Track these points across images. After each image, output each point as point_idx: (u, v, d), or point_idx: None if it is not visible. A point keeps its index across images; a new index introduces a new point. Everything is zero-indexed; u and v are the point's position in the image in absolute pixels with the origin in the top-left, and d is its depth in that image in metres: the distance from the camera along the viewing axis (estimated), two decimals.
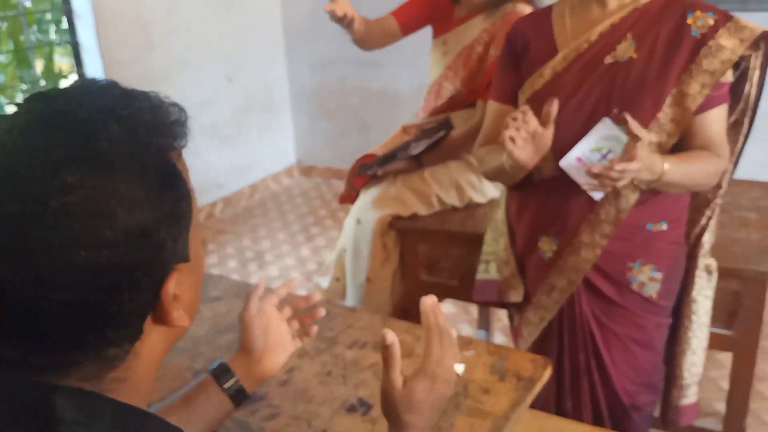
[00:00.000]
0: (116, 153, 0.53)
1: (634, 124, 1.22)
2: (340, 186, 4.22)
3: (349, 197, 2.18)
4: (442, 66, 2.05)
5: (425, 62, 2.19)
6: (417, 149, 1.96)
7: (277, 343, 0.96)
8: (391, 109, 4.00)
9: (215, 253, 3.45)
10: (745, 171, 1.65)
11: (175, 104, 0.61)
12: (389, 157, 2.01)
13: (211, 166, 3.86)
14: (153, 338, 0.60)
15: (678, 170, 1.29)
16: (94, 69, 3.29)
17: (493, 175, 1.52)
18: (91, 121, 0.54)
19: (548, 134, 1.29)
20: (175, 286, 0.58)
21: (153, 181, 0.55)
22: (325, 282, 2.17)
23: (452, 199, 2.00)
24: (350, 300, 2.07)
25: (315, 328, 1.00)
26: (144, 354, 0.60)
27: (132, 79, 3.04)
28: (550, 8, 1.52)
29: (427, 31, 2.14)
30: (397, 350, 0.79)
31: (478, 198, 2.03)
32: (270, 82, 4.23)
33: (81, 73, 3.35)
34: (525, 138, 1.28)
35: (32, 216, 0.51)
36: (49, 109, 0.56)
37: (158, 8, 3.43)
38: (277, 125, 4.34)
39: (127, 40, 3.31)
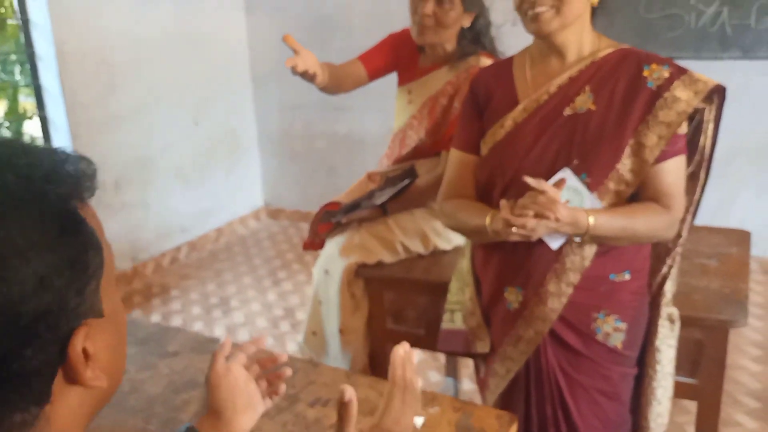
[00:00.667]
0: (9, 200, 0.51)
1: (533, 183, 1.26)
2: (307, 229, 4.18)
3: (312, 244, 2.15)
4: (407, 115, 2.06)
5: (391, 106, 2.21)
6: (381, 198, 1.95)
7: (247, 403, 0.92)
8: (357, 152, 4.02)
9: (179, 300, 3.38)
10: (700, 217, 1.68)
11: (83, 158, 0.59)
12: (354, 206, 2.00)
13: (176, 210, 3.81)
14: (69, 401, 0.55)
15: (609, 224, 1.31)
16: (57, 111, 3.25)
17: (464, 232, 1.52)
18: None
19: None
20: (86, 342, 0.54)
21: (50, 228, 0.52)
22: (302, 337, 2.13)
23: (417, 247, 1.99)
24: (329, 353, 2.04)
25: (283, 387, 0.97)
26: (59, 419, 0.55)
27: (95, 121, 3.04)
28: (511, 60, 1.54)
29: (392, 76, 2.16)
30: (354, 408, 0.76)
31: (443, 245, 2.02)
32: (237, 125, 4.22)
33: (43, 116, 3.30)
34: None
35: None
36: None
37: (123, 51, 3.41)
38: (244, 168, 4.32)
39: (90, 83, 3.28)
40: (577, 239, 1.35)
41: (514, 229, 1.26)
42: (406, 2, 1.99)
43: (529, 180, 1.27)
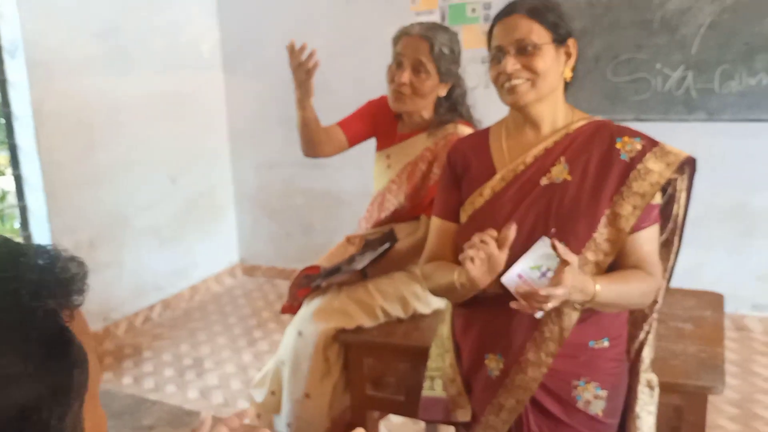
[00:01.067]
0: None
1: (562, 249, 1.26)
2: (284, 286, 4.16)
3: (291, 308, 2.14)
4: (386, 179, 2.09)
5: (369, 164, 2.24)
6: (362, 263, 1.95)
7: None
8: (335, 210, 4.04)
9: (151, 361, 3.30)
10: (673, 278, 1.71)
11: (73, 258, 0.57)
12: (333, 271, 2.00)
13: (150, 268, 3.77)
14: None
15: (611, 291, 1.33)
16: (31, 169, 3.23)
17: (440, 292, 1.53)
18: None
19: (502, 257, 1.31)
20: None
21: (36, 353, 0.50)
22: (259, 395, 2.09)
23: (397, 311, 1.98)
24: (285, 415, 1.99)
25: None
26: None
27: (72, 180, 3.02)
28: (487, 130, 1.59)
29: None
30: None
31: (423, 309, 2.02)
32: (214, 183, 4.23)
33: (17, 174, 3.27)
34: (483, 259, 1.30)
35: None
36: None
37: (102, 111, 3.42)
38: (220, 225, 4.30)
39: (68, 142, 3.27)
40: (578, 306, 1.36)
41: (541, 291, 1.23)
42: (384, 63, 2.05)
43: (559, 245, 1.26)
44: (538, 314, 1.36)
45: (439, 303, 2.00)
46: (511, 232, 1.30)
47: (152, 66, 3.70)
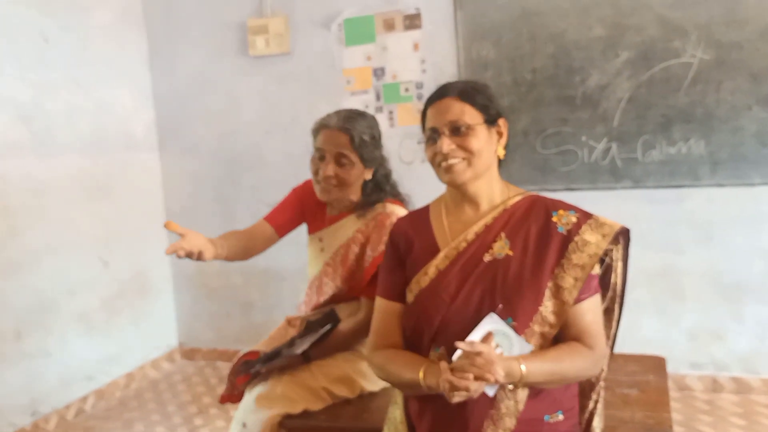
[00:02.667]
0: None
1: (466, 346, 1.29)
2: (225, 368, 4.01)
3: (230, 397, 2.05)
4: (321, 262, 2.08)
5: (305, 240, 2.21)
6: (302, 346, 1.91)
7: None
8: (274, 287, 3.98)
9: None
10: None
11: None
12: (273, 355, 1.94)
13: (81, 357, 3.57)
14: None
15: (540, 370, 1.35)
16: None
17: (398, 386, 1.51)
18: None
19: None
20: None
21: None
22: None
23: (343, 392, 1.94)
24: None
25: None
26: None
27: None
28: (427, 208, 1.62)
29: None
30: None
31: (371, 387, 1.98)
32: (148, 264, 4.09)
33: None
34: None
35: None
36: None
37: (24, 194, 3.29)
38: (156, 307, 4.15)
39: None
40: (510, 387, 1.37)
41: (455, 393, 1.27)
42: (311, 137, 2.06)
43: (462, 345, 1.30)
44: (491, 392, 1.36)
45: None
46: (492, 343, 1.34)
47: (79, 147, 3.60)
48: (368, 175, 2.01)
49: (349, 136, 1.94)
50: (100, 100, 3.76)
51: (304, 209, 2.15)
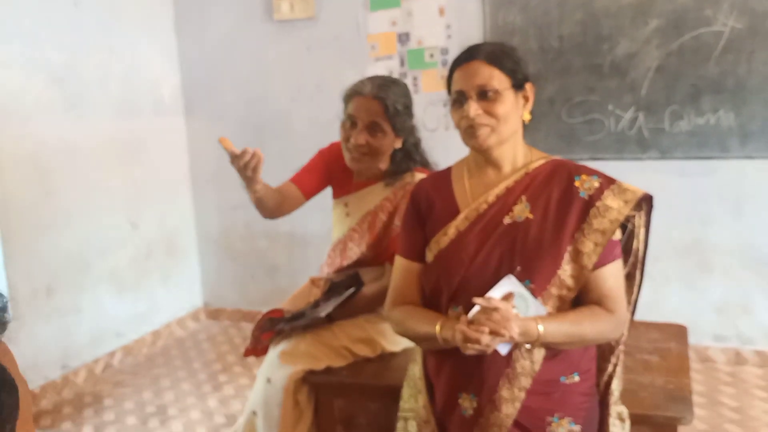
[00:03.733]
0: None
1: (483, 302, 1.32)
2: (249, 329, 4.07)
3: (255, 350, 2.10)
4: (346, 227, 2.09)
5: (331, 205, 2.23)
6: (326, 310, 1.94)
7: None
8: (300, 251, 4.03)
9: (112, 410, 3.20)
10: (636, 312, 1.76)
11: None
12: (298, 316, 1.98)
13: (110, 314, 3.68)
14: None
15: (558, 331, 1.37)
16: None
17: (414, 339, 1.54)
18: None
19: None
20: None
21: None
22: None
23: (365, 352, 1.98)
24: None
25: None
26: None
27: (28, 226, 2.94)
28: (449, 170, 1.63)
29: None
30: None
31: (391, 347, 2.02)
32: (176, 226, 4.18)
33: None
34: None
35: None
36: None
37: (58, 155, 3.37)
38: (182, 268, 4.23)
39: (23, 188, 3.21)
40: (528, 346, 1.39)
41: (469, 344, 1.29)
42: (338, 104, 2.03)
43: (480, 300, 1.32)
44: (504, 350, 1.39)
45: (407, 341, 1.99)
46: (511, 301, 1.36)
47: (110, 110, 3.68)
48: (398, 144, 1.99)
49: (383, 105, 1.91)
50: (129, 64, 3.80)
51: (330, 173, 2.13)
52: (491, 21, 3.44)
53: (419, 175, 1.97)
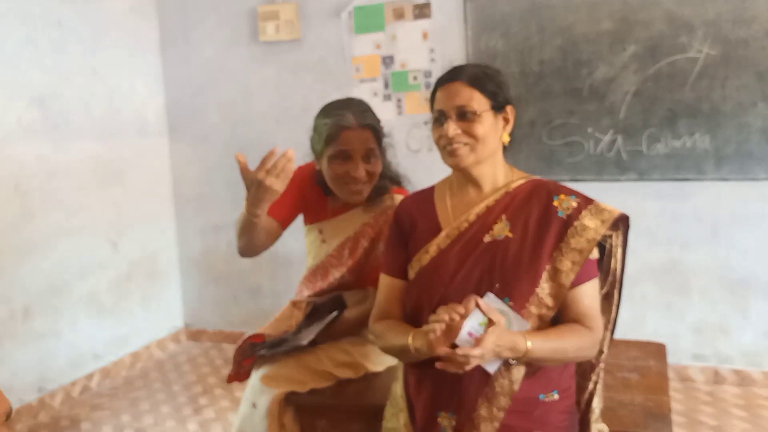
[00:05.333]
0: None
1: (486, 308, 1.32)
2: (231, 350, 4.07)
3: (237, 375, 2.05)
4: (323, 253, 2.04)
5: None
6: (308, 337, 1.90)
7: None
8: (283, 271, 4.02)
9: None
10: (616, 332, 1.78)
11: None
12: (278, 343, 1.95)
13: (89, 337, 3.64)
14: None
15: (544, 347, 1.38)
16: None
17: (392, 352, 1.55)
18: None
19: (461, 325, 1.34)
20: None
21: None
22: None
23: (347, 374, 1.96)
24: None
25: None
26: None
27: (8, 248, 2.92)
28: (432, 189, 1.65)
29: None
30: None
31: (375, 367, 2.01)
32: (158, 247, 4.16)
33: None
34: (443, 328, 1.33)
35: None
36: None
37: (38, 177, 3.35)
38: (163, 290, 4.21)
39: (3, 209, 3.18)
40: (513, 362, 1.40)
41: (458, 351, 1.29)
42: None
43: (481, 303, 1.32)
44: (492, 369, 1.40)
45: (390, 360, 1.99)
46: (471, 304, 1.34)
47: (93, 131, 3.67)
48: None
49: (372, 131, 1.89)
50: (113, 87, 3.81)
51: (305, 198, 2.04)
52: (473, 45, 3.50)
53: (398, 197, 1.94)
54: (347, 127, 1.87)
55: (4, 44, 3.18)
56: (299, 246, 3.82)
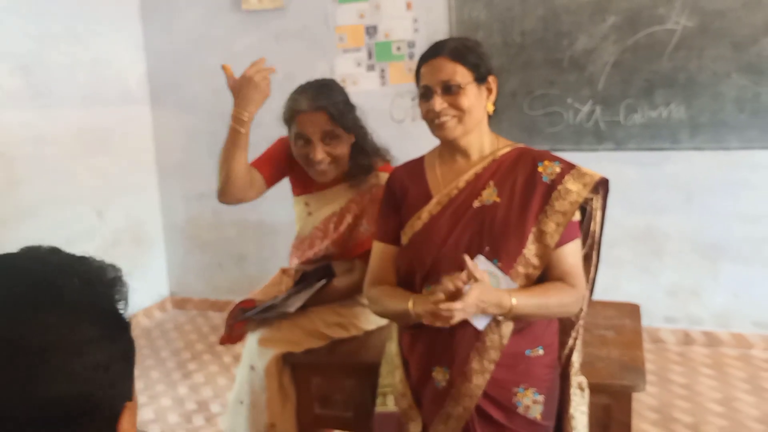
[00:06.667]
0: (79, 301, 0.63)
1: (471, 266, 1.40)
2: (217, 318, 4.14)
3: (230, 338, 2.12)
4: (310, 225, 2.09)
5: None
6: (296, 304, 1.95)
7: None
8: (269, 239, 4.07)
9: None
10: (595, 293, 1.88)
11: (111, 264, 0.71)
12: (267, 309, 2.00)
13: None
14: None
15: (528, 303, 1.47)
16: None
17: (390, 317, 1.63)
18: (55, 276, 0.64)
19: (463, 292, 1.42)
20: (126, 422, 0.65)
21: (110, 324, 0.65)
22: None
23: (340, 334, 2.03)
24: None
25: None
26: None
27: None
28: (422, 159, 1.72)
29: None
30: None
31: (366, 326, 2.08)
32: (142, 216, 4.18)
33: None
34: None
35: (14, 354, 0.58)
36: (13, 266, 0.65)
37: (23, 145, 3.35)
38: (148, 259, 4.24)
39: None
40: (500, 318, 1.49)
41: (441, 306, 1.37)
42: None
43: (469, 263, 1.39)
44: (481, 325, 1.49)
45: (381, 320, 2.07)
46: (471, 265, 1.40)
47: (76, 99, 3.66)
48: (352, 141, 1.99)
49: (327, 113, 1.90)
50: (95, 53, 3.79)
51: (291, 165, 2.07)
52: (457, 16, 3.54)
53: (383, 175, 1.93)
54: (301, 111, 1.93)
55: None
56: (285, 214, 3.87)
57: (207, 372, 3.42)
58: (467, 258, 1.41)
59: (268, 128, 3.92)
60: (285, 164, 2.09)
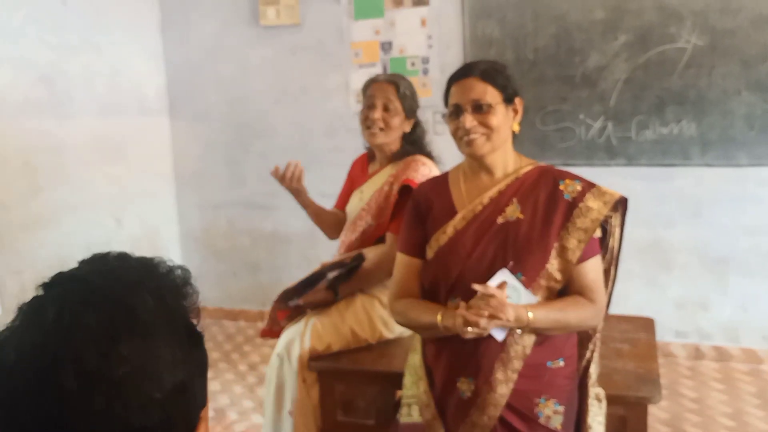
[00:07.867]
0: (154, 321, 0.62)
1: (482, 289, 1.49)
2: (231, 327, 4.20)
3: (270, 332, 2.28)
4: (358, 207, 2.31)
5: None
6: (332, 273, 2.15)
7: None
8: (282, 248, 4.13)
9: None
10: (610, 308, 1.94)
11: (179, 266, 0.70)
12: (308, 283, 2.18)
13: None
14: None
15: (546, 317, 1.54)
16: None
17: (416, 329, 1.69)
18: (128, 296, 0.62)
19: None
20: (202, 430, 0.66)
21: (184, 341, 0.64)
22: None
23: (365, 333, 2.14)
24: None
25: None
26: None
27: (17, 222, 3.00)
28: (446, 175, 1.79)
29: (309, 177, 2.38)
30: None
31: (388, 334, 2.18)
32: (158, 224, 4.25)
33: None
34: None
35: (94, 389, 0.57)
36: (87, 288, 0.63)
37: (45, 153, 3.42)
38: None
39: (12, 184, 3.25)
40: (518, 331, 1.55)
41: (469, 328, 1.45)
42: (325, 110, 2.22)
43: (478, 287, 1.47)
44: (500, 337, 1.55)
45: (402, 329, 2.14)
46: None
47: (96, 109, 3.73)
48: (407, 127, 2.26)
49: (395, 87, 2.23)
50: (115, 64, 3.86)
51: (353, 180, 2.45)
52: (470, 32, 3.61)
53: (420, 156, 2.24)
54: (375, 81, 2.29)
55: (9, 22, 3.23)
56: (299, 224, 3.96)
57: (223, 380, 3.47)
58: (478, 286, 1.49)
59: (281, 136, 3.99)
60: (348, 186, 2.48)
